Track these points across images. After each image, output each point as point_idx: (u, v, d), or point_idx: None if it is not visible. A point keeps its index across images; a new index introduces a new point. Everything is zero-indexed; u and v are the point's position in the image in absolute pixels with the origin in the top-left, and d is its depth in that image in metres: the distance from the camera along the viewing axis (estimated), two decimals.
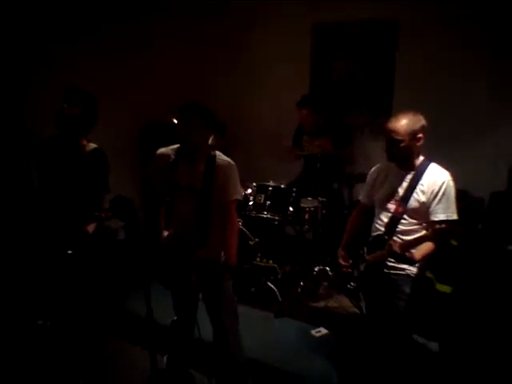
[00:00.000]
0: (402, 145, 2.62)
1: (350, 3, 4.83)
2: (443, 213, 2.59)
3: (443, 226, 2.47)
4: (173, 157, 2.83)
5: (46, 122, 3.08)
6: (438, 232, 2.48)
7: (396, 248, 2.64)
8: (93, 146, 3.14)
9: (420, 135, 2.63)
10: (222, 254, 2.86)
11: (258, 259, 4.41)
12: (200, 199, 2.73)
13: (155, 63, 5.31)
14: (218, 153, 2.82)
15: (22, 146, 3.89)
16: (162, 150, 2.90)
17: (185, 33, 5.59)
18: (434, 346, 3.50)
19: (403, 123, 2.60)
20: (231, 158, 2.86)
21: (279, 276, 4.45)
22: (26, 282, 3.57)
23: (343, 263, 3.04)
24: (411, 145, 2.64)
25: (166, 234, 2.88)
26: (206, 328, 2.99)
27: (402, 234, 2.73)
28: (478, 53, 4.32)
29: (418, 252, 2.63)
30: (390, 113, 4.79)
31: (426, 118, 2.67)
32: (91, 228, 3.08)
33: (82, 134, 3.08)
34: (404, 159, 2.71)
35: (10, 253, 3.67)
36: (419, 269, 2.76)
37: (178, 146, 2.85)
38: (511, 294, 3.46)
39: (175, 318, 3.08)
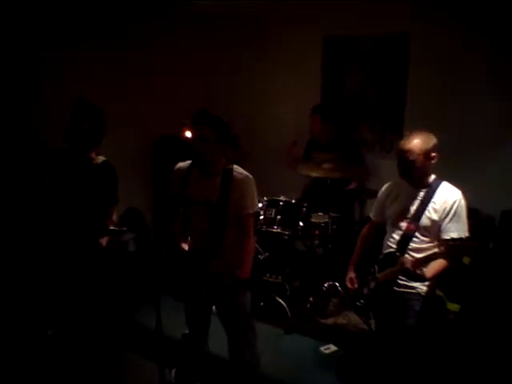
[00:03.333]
0: (417, 165, 2.62)
1: (360, 17, 4.83)
2: (455, 231, 2.59)
3: (457, 242, 2.47)
4: (188, 169, 2.84)
5: (55, 130, 3.10)
6: (452, 248, 2.48)
7: (408, 265, 2.63)
8: (101, 158, 3.16)
9: (433, 154, 2.64)
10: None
11: (268, 275, 4.41)
12: (216, 213, 2.72)
13: (168, 76, 5.36)
14: (235, 166, 2.80)
15: (35, 155, 3.93)
16: (179, 165, 2.91)
17: (198, 46, 5.65)
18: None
19: (416, 143, 2.61)
20: None
21: (287, 292, 4.43)
22: (36, 292, 3.59)
23: (350, 286, 3.05)
24: (425, 164, 2.65)
25: (186, 247, 2.86)
26: (216, 342, 2.99)
27: (414, 252, 2.73)
28: (491, 68, 4.30)
29: (430, 270, 2.63)
30: (402, 129, 4.80)
31: (437, 134, 2.67)
32: (104, 241, 3.10)
33: (90, 147, 3.11)
34: (418, 179, 2.71)
35: (21, 263, 3.70)
36: (430, 287, 2.75)
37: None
38: None
39: (187, 331, 3.08)
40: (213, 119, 2.71)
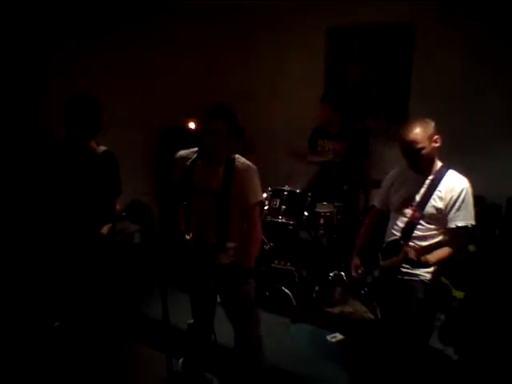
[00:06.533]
0: (424, 152, 2.60)
1: (364, 7, 4.81)
2: (463, 220, 2.56)
3: (462, 230, 2.46)
4: (191, 159, 2.83)
5: (59, 124, 3.10)
6: (457, 236, 2.47)
7: (412, 255, 2.63)
8: (103, 148, 3.19)
9: (436, 136, 2.62)
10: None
11: (276, 261, 4.41)
12: (219, 203, 2.72)
13: (174, 68, 5.36)
14: (237, 156, 2.80)
15: (38, 148, 3.95)
16: (181, 153, 2.90)
17: (200, 38, 5.63)
18: (451, 351, 3.48)
19: (419, 130, 2.58)
20: None
21: (296, 279, 4.43)
22: (42, 284, 3.61)
23: (355, 274, 3.04)
24: (432, 149, 2.63)
25: (187, 237, 2.87)
26: (222, 332, 3.00)
27: (418, 240, 2.72)
28: (495, 57, 4.29)
29: (433, 256, 2.62)
30: (406, 119, 4.76)
31: (442, 123, 2.65)
32: (106, 230, 3.12)
33: (91, 137, 3.13)
34: (426, 166, 2.69)
35: (27, 255, 3.72)
36: (433, 274, 2.74)
37: (197, 148, 2.83)
38: None
39: (192, 320, 3.09)
40: (227, 113, 2.71)
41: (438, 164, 2.73)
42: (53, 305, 3.57)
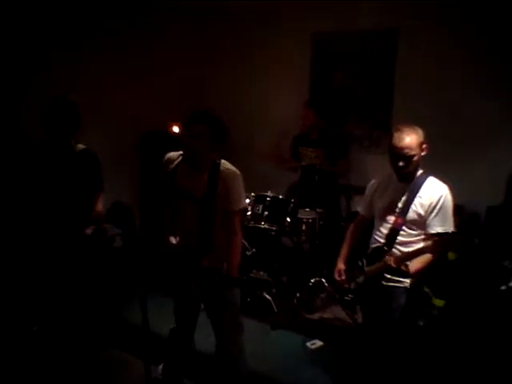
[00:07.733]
0: (415, 159, 2.64)
1: (349, 12, 4.86)
2: (440, 226, 2.62)
3: (443, 237, 2.49)
4: (176, 162, 2.83)
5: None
6: (439, 243, 2.50)
7: (391, 263, 2.66)
8: (81, 146, 3.18)
9: (425, 145, 2.66)
10: (225, 264, 2.83)
11: (255, 271, 4.40)
12: (203, 208, 2.71)
13: (156, 71, 5.33)
14: (223, 161, 2.79)
15: (21, 149, 3.90)
16: (169, 155, 2.90)
17: (185, 41, 5.62)
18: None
19: (414, 137, 2.61)
20: None
21: (273, 290, 4.41)
22: (22, 287, 3.56)
23: (338, 279, 3.06)
24: (420, 156, 2.66)
25: (174, 240, 2.86)
26: (202, 338, 2.99)
27: (402, 246, 2.75)
28: (478, 66, 4.35)
29: (414, 265, 2.65)
30: (389, 125, 4.81)
31: (424, 131, 2.69)
32: (90, 230, 3.10)
33: (69, 138, 3.11)
34: (412, 173, 2.72)
35: (7, 257, 3.67)
36: (414, 281, 2.77)
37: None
38: (507, 309, 3.47)
39: (174, 325, 3.07)
40: (209, 118, 2.70)
41: (419, 171, 2.76)
42: (31, 309, 3.52)
